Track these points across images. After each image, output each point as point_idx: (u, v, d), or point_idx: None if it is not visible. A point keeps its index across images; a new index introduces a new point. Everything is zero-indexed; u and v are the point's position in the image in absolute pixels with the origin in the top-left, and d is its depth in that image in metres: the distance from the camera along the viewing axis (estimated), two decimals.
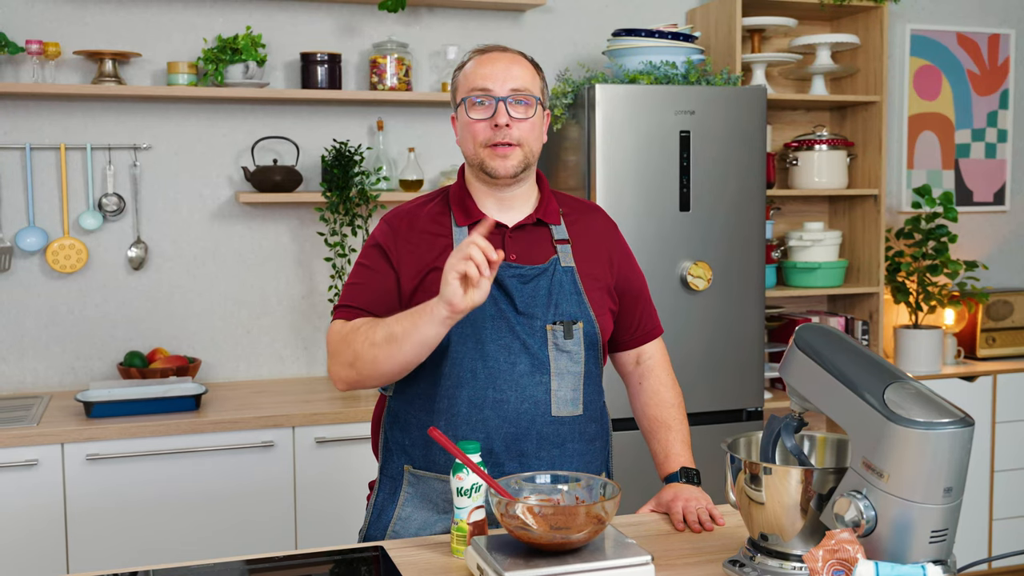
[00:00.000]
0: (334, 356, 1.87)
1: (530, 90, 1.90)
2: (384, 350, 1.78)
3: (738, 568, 1.61)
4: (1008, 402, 4.02)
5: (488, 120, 1.87)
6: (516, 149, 1.89)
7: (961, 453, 1.42)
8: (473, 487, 1.71)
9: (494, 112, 1.87)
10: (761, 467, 1.57)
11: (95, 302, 3.46)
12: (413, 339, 1.75)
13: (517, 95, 1.88)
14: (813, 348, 1.58)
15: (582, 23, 3.91)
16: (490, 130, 1.87)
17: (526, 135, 1.89)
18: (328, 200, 3.45)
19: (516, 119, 1.88)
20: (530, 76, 1.92)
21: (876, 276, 4.01)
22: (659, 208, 3.32)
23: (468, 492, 1.71)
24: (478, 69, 1.90)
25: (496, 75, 1.88)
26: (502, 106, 1.87)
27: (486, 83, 1.88)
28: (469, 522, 1.71)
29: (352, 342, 1.83)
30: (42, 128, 3.38)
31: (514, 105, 1.88)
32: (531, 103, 1.90)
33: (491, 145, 1.88)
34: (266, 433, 3.03)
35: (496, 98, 1.87)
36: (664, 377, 2.11)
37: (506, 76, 1.88)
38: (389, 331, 1.77)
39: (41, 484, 2.85)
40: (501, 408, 1.86)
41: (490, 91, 1.87)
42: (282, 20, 3.59)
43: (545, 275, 1.91)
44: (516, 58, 1.93)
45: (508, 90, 1.87)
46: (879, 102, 3.97)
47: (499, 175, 1.89)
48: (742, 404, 3.46)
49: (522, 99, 1.89)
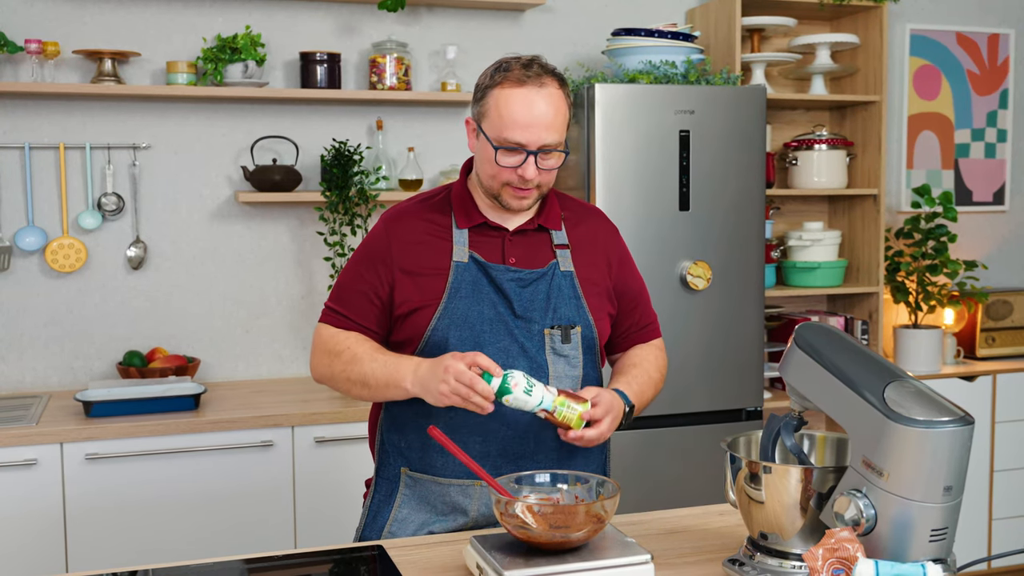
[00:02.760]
0: (315, 359, 1.97)
1: (560, 142, 1.86)
2: (357, 389, 1.90)
3: (738, 567, 1.60)
4: (1008, 402, 4.02)
5: (515, 168, 1.84)
6: (535, 191, 1.88)
7: (961, 452, 1.42)
8: (527, 391, 1.72)
9: (523, 163, 1.83)
10: (761, 466, 1.57)
11: (94, 302, 3.45)
12: (384, 395, 1.87)
13: (548, 148, 1.84)
14: (813, 347, 1.58)
15: (582, 22, 3.91)
16: (515, 176, 1.85)
17: (547, 179, 1.89)
18: (327, 200, 3.45)
19: (543, 170, 1.86)
20: (562, 121, 1.85)
21: (876, 276, 4.00)
22: (659, 208, 3.32)
23: (528, 393, 1.72)
24: (514, 114, 1.81)
25: (531, 129, 1.81)
26: (532, 160, 1.83)
27: (521, 136, 1.81)
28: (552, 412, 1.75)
29: (332, 364, 1.92)
30: (41, 127, 3.38)
31: (543, 158, 1.85)
32: (560, 152, 1.87)
33: (513, 187, 1.86)
34: (265, 433, 3.02)
35: (528, 151, 1.83)
36: (649, 352, 2.06)
37: (542, 130, 1.82)
38: (364, 376, 1.87)
39: (40, 483, 2.85)
40: (498, 410, 1.86)
41: (524, 145, 1.82)
42: (281, 19, 3.58)
43: (544, 279, 1.91)
44: (552, 99, 1.83)
45: (540, 145, 1.83)
46: (879, 102, 3.97)
47: (513, 209, 1.90)
48: (742, 404, 3.46)
49: (552, 150, 1.85)
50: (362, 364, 1.87)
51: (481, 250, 1.91)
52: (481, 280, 1.88)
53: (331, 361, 1.92)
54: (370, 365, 1.86)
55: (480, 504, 1.89)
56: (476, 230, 1.93)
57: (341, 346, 1.91)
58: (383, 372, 1.84)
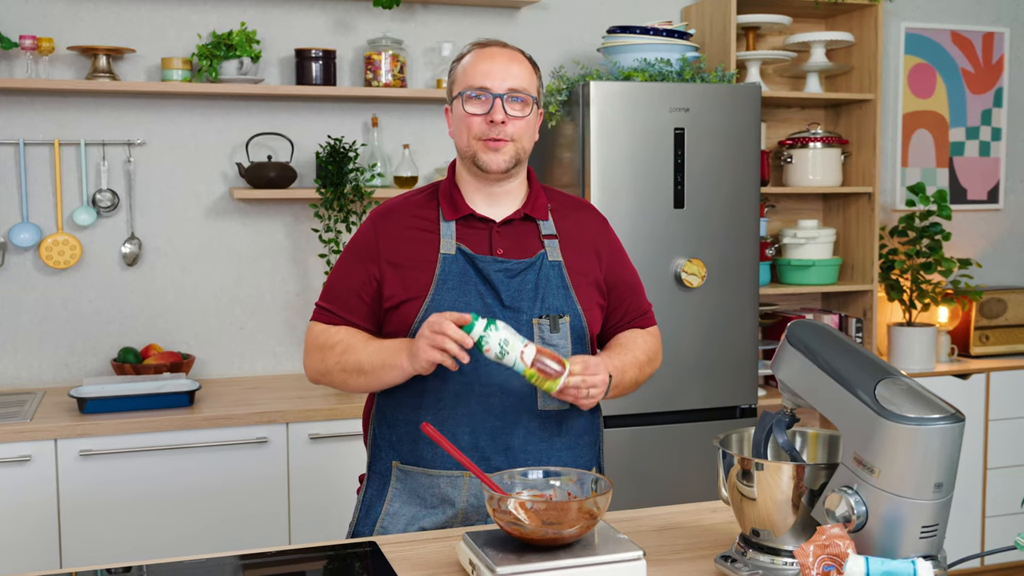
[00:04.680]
0: (308, 357, 1.98)
1: (527, 89, 1.92)
2: (353, 378, 1.91)
3: (730, 564, 1.61)
4: (1001, 400, 4.03)
5: (484, 115, 1.90)
6: (509, 144, 1.91)
7: (951, 449, 1.42)
8: (501, 345, 1.73)
9: (490, 108, 1.89)
10: (753, 463, 1.57)
11: (89, 298, 3.45)
12: (381, 379, 1.88)
13: (514, 93, 1.90)
14: (805, 344, 1.58)
15: (577, 20, 3.91)
16: (485, 125, 1.90)
17: (520, 132, 1.92)
18: (323, 196, 3.45)
19: (512, 116, 1.90)
20: (528, 75, 1.94)
21: (870, 274, 4.01)
22: (653, 205, 3.32)
23: (502, 352, 1.73)
24: (477, 65, 1.92)
25: (495, 72, 1.90)
26: (499, 103, 1.89)
27: (485, 80, 1.90)
28: (530, 366, 1.74)
29: (326, 358, 1.93)
30: (36, 123, 3.38)
31: (511, 103, 1.90)
32: (527, 102, 1.92)
33: (485, 139, 1.90)
34: (260, 429, 3.03)
35: (493, 95, 1.89)
36: (639, 335, 2.05)
37: (505, 74, 1.90)
38: (359, 364, 1.89)
39: (34, 480, 2.85)
40: (487, 402, 1.88)
41: (488, 88, 1.89)
42: (277, 16, 3.58)
43: (532, 269, 1.92)
44: (515, 55, 1.94)
45: (506, 88, 1.90)
46: (873, 100, 3.98)
47: (491, 169, 1.91)
48: (736, 401, 3.46)
49: (519, 97, 1.91)
50: (356, 352, 1.89)
51: (468, 242, 1.92)
52: (468, 271, 1.90)
53: (324, 356, 1.93)
54: (364, 351, 1.89)
55: (468, 495, 1.90)
56: (463, 222, 1.95)
57: (333, 339, 1.93)
58: (378, 355, 1.87)
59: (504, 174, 1.93)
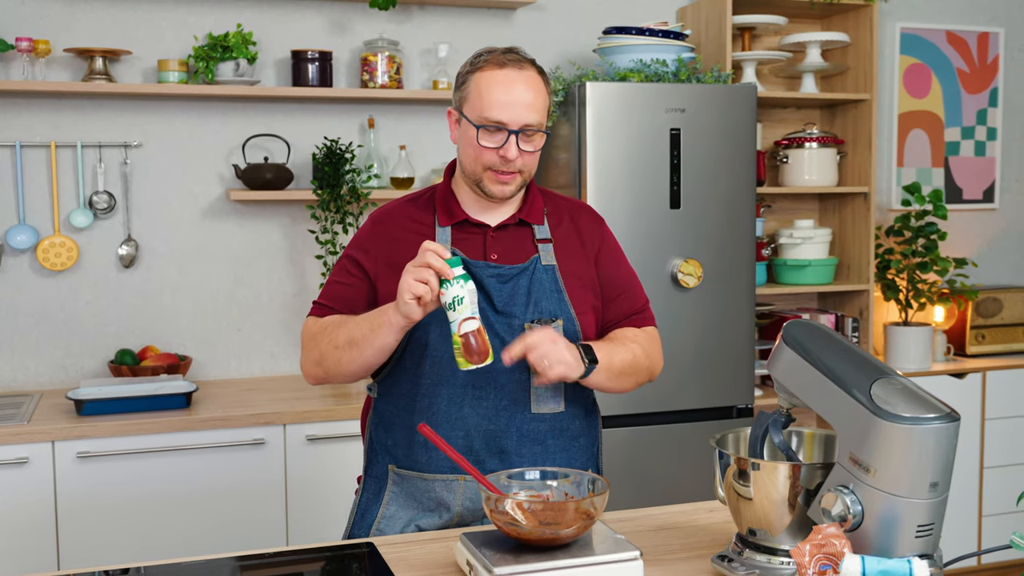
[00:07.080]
0: (304, 352, 1.96)
1: (541, 122, 1.88)
2: (347, 353, 1.86)
3: (726, 563, 1.61)
4: (997, 399, 4.04)
5: (496, 149, 1.86)
6: (517, 176, 1.90)
7: (947, 448, 1.43)
8: (455, 299, 1.71)
9: (504, 143, 1.85)
10: (749, 463, 1.58)
11: (86, 300, 3.45)
12: (373, 344, 1.82)
13: (529, 128, 1.86)
14: (801, 344, 1.59)
15: (573, 21, 3.92)
16: (496, 158, 1.86)
17: (529, 163, 1.90)
18: (319, 198, 3.45)
19: (524, 151, 1.88)
20: (543, 102, 1.89)
21: (866, 273, 4.02)
22: (650, 206, 3.33)
23: (452, 305, 1.72)
24: (494, 93, 1.85)
25: (512, 106, 1.84)
26: (513, 140, 1.85)
27: (502, 114, 1.84)
28: (460, 334, 1.72)
29: (319, 342, 1.91)
30: (32, 126, 3.38)
31: (525, 139, 1.87)
32: (541, 136, 1.89)
33: (495, 171, 1.88)
34: (257, 431, 3.03)
35: (509, 131, 1.85)
36: (634, 332, 2.02)
37: (522, 107, 1.84)
38: (350, 335, 1.85)
39: (31, 482, 2.85)
40: (480, 405, 1.88)
41: (504, 124, 1.85)
42: (273, 18, 3.58)
43: (525, 274, 1.92)
44: (532, 81, 1.87)
45: (521, 124, 1.85)
46: (869, 100, 3.98)
47: (496, 196, 1.91)
48: (732, 401, 3.47)
49: (532, 129, 1.87)
50: (347, 326, 1.87)
51: (463, 247, 1.93)
52: None
53: (317, 341, 1.91)
54: (353, 322, 1.87)
55: (464, 499, 1.90)
56: (458, 227, 1.94)
57: (324, 323, 1.92)
58: (365, 321, 1.84)
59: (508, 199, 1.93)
